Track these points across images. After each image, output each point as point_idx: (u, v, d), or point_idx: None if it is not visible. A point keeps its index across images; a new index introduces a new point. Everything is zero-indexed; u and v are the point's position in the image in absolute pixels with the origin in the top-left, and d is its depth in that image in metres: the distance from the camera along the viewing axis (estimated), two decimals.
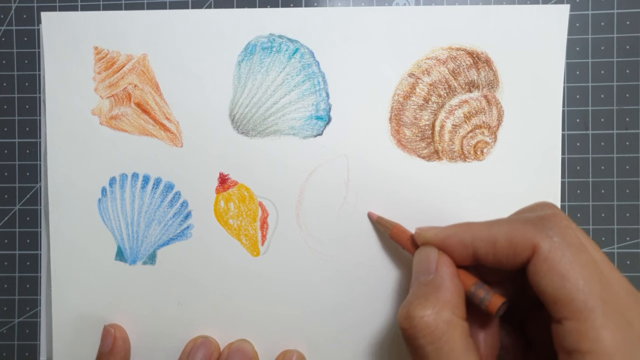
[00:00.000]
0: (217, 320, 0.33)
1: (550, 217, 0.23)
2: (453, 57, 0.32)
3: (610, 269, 0.22)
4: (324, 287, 0.32)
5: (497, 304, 0.24)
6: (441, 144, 0.32)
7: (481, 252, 0.24)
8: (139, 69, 0.33)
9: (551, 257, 0.22)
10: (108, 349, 0.32)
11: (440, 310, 0.23)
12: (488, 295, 0.24)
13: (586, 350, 0.20)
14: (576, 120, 0.34)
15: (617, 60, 0.34)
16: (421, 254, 0.26)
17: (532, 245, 0.22)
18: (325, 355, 0.32)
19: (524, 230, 0.23)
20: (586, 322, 0.21)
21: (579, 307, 0.21)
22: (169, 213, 0.33)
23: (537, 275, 0.22)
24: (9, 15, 0.36)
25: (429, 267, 0.25)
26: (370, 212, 0.32)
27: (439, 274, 0.25)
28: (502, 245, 0.23)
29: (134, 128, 0.33)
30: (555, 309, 0.22)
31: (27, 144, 0.36)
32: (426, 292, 0.24)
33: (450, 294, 0.24)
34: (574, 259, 0.22)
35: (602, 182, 0.34)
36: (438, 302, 0.23)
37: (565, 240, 0.22)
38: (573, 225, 0.23)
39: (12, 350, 0.36)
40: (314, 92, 0.33)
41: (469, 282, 0.25)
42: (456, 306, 0.24)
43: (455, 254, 0.25)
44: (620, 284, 0.22)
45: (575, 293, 0.21)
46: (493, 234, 0.24)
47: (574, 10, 0.34)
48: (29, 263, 0.36)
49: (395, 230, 0.30)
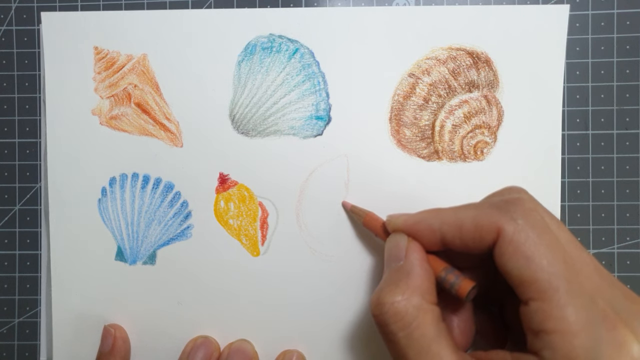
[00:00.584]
0: (217, 320, 0.33)
1: (515, 200, 0.24)
2: (453, 57, 0.32)
3: (577, 249, 0.23)
4: (324, 287, 0.32)
5: (467, 288, 0.24)
6: (441, 144, 0.32)
7: (448, 237, 0.25)
8: (139, 69, 0.33)
9: (515, 239, 0.22)
10: (108, 349, 0.32)
11: (410, 296, 0.23)
12: (458, 279, 0.24)
13: (551, 330, 0.20)
14: (576, 120, 0.34)
15: (617, 60, 0.34)
16: (391, 241, 0.27)
17: (496, 229, 0.23)
18: (325, 355, 0.32)
19: (489, 213, 0.23)
20: (551, 301, 0.21)
21: (544, 287, 0.21)
22: (169, 213, 0.33)
23: (502, 258, 0.22)
24: (9, 15, 0.36)
25: (399, 253, 0.26)
26: (344, 201, 0.32)
27: (408, 260, 0.25)
28: (468, 229, 0.24)
29: (134, 128, 0.33)
30: (522, 291, 0.22)
31: (27, 144, 0.36)
32: (396, 279, 0.24)
33: (420, 279, 0.24)
34: (538, 240, 0.22)
35: (602, 182, 0.34)
36: (408, 287, 0.24)
37: (529, 222, 0.22)
38: (539, 207, 0.24)
39: (12, 350, 0.36)
40: (314, 92, 0.33)
41: (439, 267, 0.25)
42: (426, 291, 0.24)
43: (424, 239, 0.26)
44: (587, 263, 0.22)
45: (539, 273, 0.21)
46: (459, 218, 0.24)
47: (574, 10, 0.34)
48: (29, 263, 0.36)
49: (367, 218, 0.30)
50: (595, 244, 0.34)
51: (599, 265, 0.23)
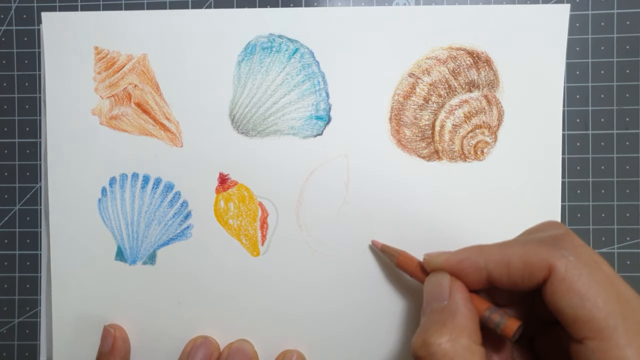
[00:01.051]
0: (217, 320, 0.33)
1: (563, 236, 0.23)
2: (453, 57, 0.32)
3: (627, 287, 0.22)
4: (323, 287, 0.32)
5: (513, 327, 0.24)
6: (441, 144, 0.32)
7: (495, 275, 0.24)
8: (139, 69, 0.33)
9: (569, 277, 0.22)
10: (108, 349, 0.32)
11: (458, 337, 0.23)
12: (503, 319, 0.24)
13: None
14: (576, 120, 0.34)
15: (617, 60, 0.34)
16: (432, 281, 0.26)
17: (547, 266, 0.22)
18: (325, 355, 0.32)
19: (538, 250, 0.23)
20: (610, 341, 0.20)
21: (601, 326, 0.21)
22: (169, 213, 0.33)
23: (555, 296, 0.22)
24: (9, 15, 0.36)
25: (442, 293, 0.25)
26: (374, 241, 0.32)
27: (453, 300, 0.24)
28: (516, 267, 0.23)
29: (134, 128, 0.33)
30: (576, 329, 0.21)
31: (27, 144, 0.36)
32: (442, 319, 0.24)
33: (466, 319, 0.24)
34: (591, 278, 0.21)
35: (602, 182, 0.34)
36: (455, 328, 0.23)
37: (581, 259, 0.22)
38: (585, 244, 0.23)
39: (12, 350, 0.36)
40: (314, 92, 0.33)
41: (482, 307, 0.25)
42: (473, 332, 0.23)
43: (468, 278, 0.25)
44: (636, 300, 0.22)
45: (595, 312, 0.21)
46: (507, 255, 0.24)
47: (574, 10, 0.34)
48: (29, 263, 0.36)
49: (401, 258, 0.29)
50: (595, 244, 0.34)
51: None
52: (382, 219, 0.32)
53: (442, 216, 0.32)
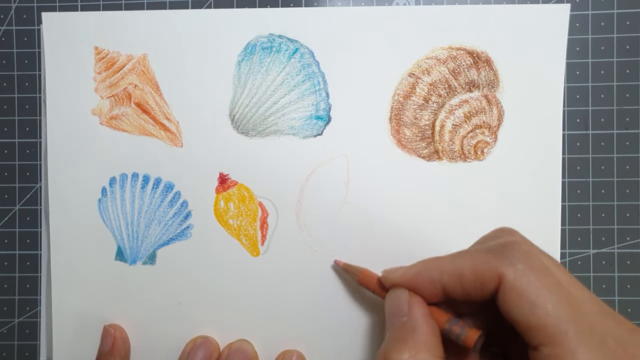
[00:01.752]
0: (217, 320, 0.33)
1: (511, 244, 0.23)
2: (453, 56, 0.32)
3: (579, 289, 0.22)
4: (324, 287, 0.32)
5: (473, 338, 0.24)
6: (441, 143, 0.32)
7: (449, 288, 0.24)
8: (139, 69, 0.33)
9: (517, 285, 0.22)
10: (108, 349, 0.32)
11: (417, 353, 0.23)
12: (464, 330, 0.24)
13: None
14: (576, 120, 0.34)
15: (617, 60, 0.34)
16: (392, 297, 0.26)
17: (497, 275, 0.22)
18: (325, 355, 0.32)
19: (487, 260, 0.23)
20: (562, 346, 0.20)
21: (552, 332, 0.21)
22: (169, 213, 0.33)
23: (506, 305, 0.22)
24: (9, 15, 0.36)
25: (401, 309, 0.25)
26: (336, 260, 0.32)
27: (412, 316, 0.25)
28: (468, 278, 0.23)
29: (134, 128, 0.33)
30: (530, 336, 0.21)
31: (27, 144, 0.36)
32: (402, 336, 0.24)
33: (425, 335, 0.24)
34: (540, 284, 0.22)
35: (602, 182, 0.34)
36: (415, 344, 0.23)
37: (529, 265, 0.22)
38: (535, 249, 0.23)
39: (12, 350, 0.36)
40: (314, 92, 0.33)
41: (442, 320, 0.25)
42: (433, 346, 0.23)
43: (425, 292, 0.25)
44: (591, 303, 0.22)
45: (546, 318, 0.21)
46: (458, 267, 0.24)
47: (574, 10, 0.34)
48: (29, 263, 0.36)
49: (362, 275, 0.30)
50: (595, 244, 0.34)
51: (601, 302, 0.22)
52: (382, 219, 0.32)
53: (442, 216, 0.32)
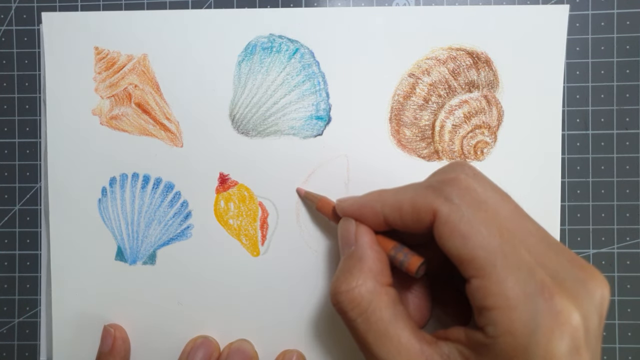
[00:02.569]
0: (217, 320, 0.33)
1: (451, 180, 0.24)
2: (453, 57, 0.32)
3: (521, 219, 0.22)
4: (324, 287, 0.32)
5: (415, 264, 0.24)
6: (441, 144, 0.32)
7: (390, 219, 0.25)
8: (139, 69, 0.33)
9: (451, 220, 0.22)
10: (108, 349, 0.32)
11: (364, 281, 0.23)
12: (407, 257, 0.25)
13: (491, 306, 0.21)
14: (576, 120, 0.34)
15: (617, 60, 0.34)
16: (342, 226, 0.27)
17: (432, 210, 0.23)
18: (326, 355, 0.32)
19: (424, 195, 0.23)
20: (490, 278, 0.21)
21: (482, 264, 0.21)
22: (169, 213, 0.33)
23: (441, 239, 0.22)
24: (9, 15, 0.36)
25: (349, 238, 0.26)
26: (298, 188, 0.32)
27: (358, 245, 0.25)
28: (406, 211, 0.24)
29: (134, 128, 0.33)
30: (463, 269, 0.22)
31: (27, 144, 0.36)
32: (349, 266, 0.25)
33: (371, 262, 0.24)
34: (473, 218, 0.22)
35: (602, 182, 0.34)
36: (361, 273, 0.24)
37: (464, 200, 0.22)
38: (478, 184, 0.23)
39: (12, 350, 0.36)
40: (314, 92, 0.33)
41: (388, 247, 0.25)
42: (379, 274, 0.24)
43: (369, 221, 0.26)
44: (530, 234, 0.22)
45: (475, 251, 0.21)
46: (399, 200, 0.24)
47: (574, 10, 0.34)
48: (29, 263, 0.36)
49: (320, 203, 0.30)
50: (595, 244, 0.34)
51: (547, 234, 0.22)
52: None
53: None
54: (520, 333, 0.20)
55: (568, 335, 0.19)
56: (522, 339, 0.20)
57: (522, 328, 0.20)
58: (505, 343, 0.20)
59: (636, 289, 0.34)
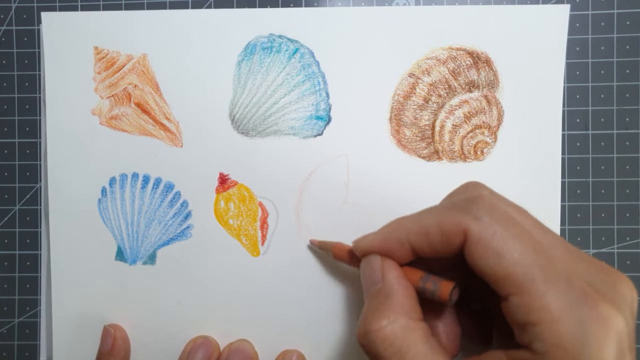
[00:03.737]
0: (217, 320, 0.33)
1: (476, 198, 0.23)
2: (453, 57, 0.32)
3: (545, 233, 0.22)
4: (324, 287, 0.32)
5: (447, 290, 0.23)
6: (441, 144, 0.32)
7: (417, 247, 0.24)
8: (139, 69, 0.33)
9: (483, 238, 0.22)
10: (108, 349, 0.32)
11: (396, 319, 0.23)
12: (437, 285, 0.24)
13: (535, 321, 0.20)
14: (576, 120, 0.34)
15: (617, 60, 0.34)
16: (365, 265, 0.26)
17: (462, 230, 0.22)
18: (326, 355, 0.32)
19: (452, 216, 0.23)
20: (530, 294, 0.20)
21: (520, 281, 0.21)
22: (169, 213, 0.33)
23: (474, 259, 0.22)
24: (9, 15, 0.36)
25: (374, 276, 0.25)
26: (311, 240, 0.32)
27: (386, 281, 0.24)
28: (434, 236, 0.23)
29: (134, 128, 0.33)
30: (499, 287, 0.21)
31: (27, 144, 0.36)
32: (378, 304, 0.24)
33: (401, 298, 0.24)
34: (505, 234, 0.21)
35: (602, 182, 0.34)
36: (392, 310, 0.23)
37: (493, 217, 0.22)
38: (500, 200, 0.23)
39: (12, 350, 0.36)
40: (314, 92, 0.33)
41: (416, 278, 0.25)
42: (410, 309, 0.23)
43: (395, 254, 0.25)
44: (557, 246, 0.22)
45: (512, 267, 0.21)
46: (424, 225, 0.24)
47: (574, 10, 0.34)
48: (29, 263, 0.36)
49: (335, 249, 0.29)
50: (595, 244, 0.34)
51: (569, 245, 0.22)
52: (382, 219, 0.32)
53: None
54: (571, 345, 0.19)
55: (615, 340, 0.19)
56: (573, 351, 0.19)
57: (571, 340, 0.19)
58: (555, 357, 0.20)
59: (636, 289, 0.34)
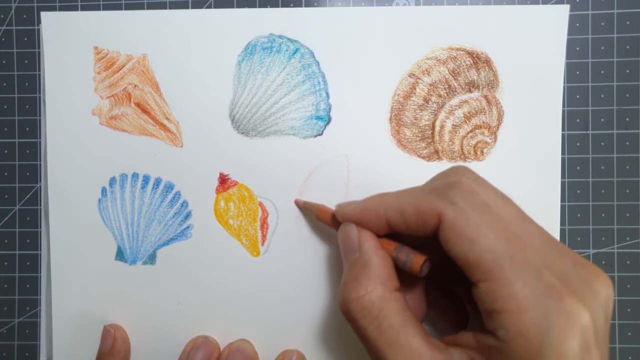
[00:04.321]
0: (217, 320, 0.33)
1: (455, 183, 0.23)
2: (453, 57, 0.32)
3: (524, 222, 0.22)
4: (323, 287, 0.32)
5: (418, 262, 0.24)
6: (441, 144, 0.32)
7: (393, 222, 0.25)
8: (139, 69, 0.33)
9: (457, 223, 0.22)
10: (108, 349, 0.32)
11: (373, 288, 0.23)
12: (409, 257, 0.24)
13: (501, 309, 0.20)
14: (576, 120, 0.34)
15: (617, 60, 0.34)
16: (343, 232, 0.27)
17: (437, 214, 0.23)
18: (326, 355, 0.32)
19: (429, 199, 0.23)
20: (498, 281, 0.21)
21: (489, 267, 0.21)
22: (169, 213, 0.33)
23: (447, 243, 0.22)
24: (9, 15, 0.36)
25: (352, 244, 0.26)
26: (296, 199, 0.32)
27: (363, 251, 0.25)
28: (410, 215, 0.24)
29: (134, 128, 0.33)
30: (470, 273, 0.22)
31: (27, 144, 0.36)
32: (355, 273, 0.24)
33: (378, 268, 0.24)
34: (479, 221, 0.22)
35: (602, 182, 0.34)
36: (369, 280, 0.24)
37: (469, 203, 0.22)
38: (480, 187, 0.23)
39: (12, 350, 0.36)
40: (314, 92, 0.33)
41: (390, 249, 0.25)
42: (387, 279, 0.24)
43: (371, 225, 0.26)
44: (534, 236, 0.22)
45: (483, 254, 0.21)
46: (401, 204, 0.24)
47: (574, 10, 0.34)
48: (29, 263, 0.36)
49: (319, 211, 0.30)
50: (595, 244, 0.34)
51: (549, 236, 0.23)
52: None
53: None
54: (533, 335, 0.20)
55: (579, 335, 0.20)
56: (535, 341, 0.20)
57: (534, 330, 0.20)
58: (518, 346, 0.20)
59: (636, 289, 0.34)
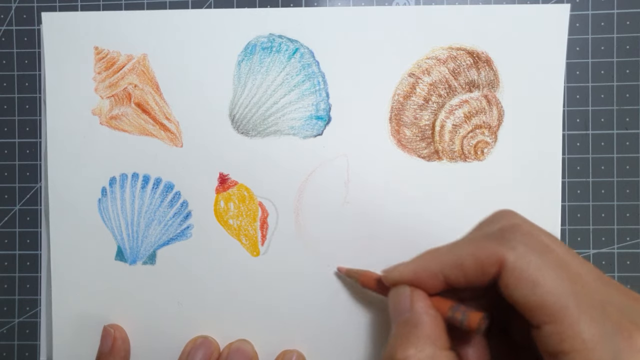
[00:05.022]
0: (217, 320, 0.33)
1: (511, 227, 0.23)
2: (453, 56, 0.32)
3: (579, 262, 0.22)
4: (323, 287, 0.32)
5: (475, 320, 0.24)
6: (441, 144, 0.32)
7: (452, 278, 0.24)
8: (139, 69, 0.33)
9: (518, 267, 0.22)
10: (108, 349, 0.32)
11: (423, 348, 0.23)
12: (465, 315, 0.24)
13: (568, 350, 0.20)
14: (576, 120, 0.34)
15: (617, 60, 0.34)
16: (393, 294, 0.26)
17: (498, 260, 0.22)
18: (325, 355, 0.32)
19: (487, 246, 0.23)
20: (563, 322, 0.20)
21: (554, 310, 0.21)
22: (169, 213, 0.33)
23: (508, 288, 0.22)
24: (9, 15, 0.36)
25: (403, 306, 0.25)
26: (339, 267, 0.32)
27: (414, 310, 0.24)
28: (469, 267, 0.23)
29: (134, 128, 0.33)
30: (532, 316, 0.21)
31: (27, 144, 0.36)
32: (405, 332, 0.24)
33: (429, 327, 0.24)
34: (540, 263, 0.22)
35: (602, 182, 0.34)
36: (419, 339, 0.23)
37: (529, 247, 0.22)
38: (535, 229, 0.23)
39: (12, 350, 0.36)
40: (314, 92, 0.33)
41: (445, 308, 0.25)
42: (437, 338, 0.23)
43: (427, 285, 0.25)
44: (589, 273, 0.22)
45: (546, 296, 0.21)
46: (459, 257, 0.24)
47: (574, 10, 0.34)
48: (29, 263, 0.36)
49: (363, 278, 0.30)
50: (595, 244, 0.34)
51: (602, 274, 0.22)
52: (382, 219, 0.32)
53: (442, 216, 0.32)
54: None
55: None
56: None
57: None
58: None
59: (636, 289, 0.34)
